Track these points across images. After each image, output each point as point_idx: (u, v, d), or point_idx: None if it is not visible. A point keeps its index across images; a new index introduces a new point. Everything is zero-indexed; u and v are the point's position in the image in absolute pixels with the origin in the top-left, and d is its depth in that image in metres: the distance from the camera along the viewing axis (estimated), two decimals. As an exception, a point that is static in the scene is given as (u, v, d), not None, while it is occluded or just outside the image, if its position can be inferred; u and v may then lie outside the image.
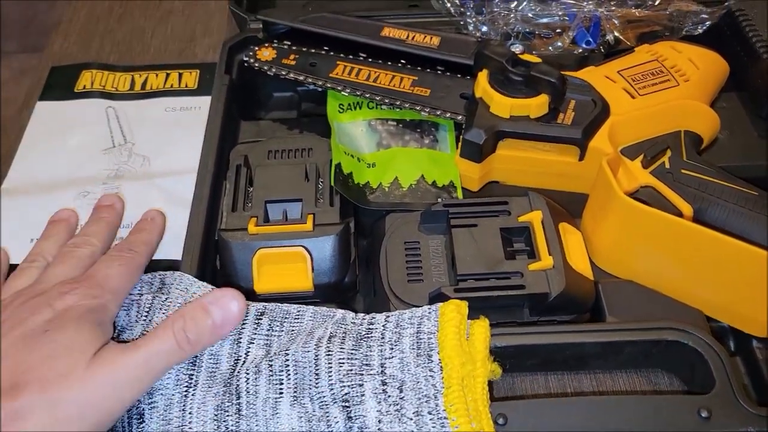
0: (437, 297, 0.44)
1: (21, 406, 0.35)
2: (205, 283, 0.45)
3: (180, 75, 0.69)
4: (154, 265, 0.51)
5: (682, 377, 0.46)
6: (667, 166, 0.49)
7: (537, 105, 0.50)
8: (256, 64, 0.57)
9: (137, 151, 0.63)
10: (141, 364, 0.38)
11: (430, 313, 0.41)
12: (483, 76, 0.52)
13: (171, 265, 0.50)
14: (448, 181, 0.52)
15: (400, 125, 0.56)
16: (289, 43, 0.59)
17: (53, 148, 0.62)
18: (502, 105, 0.50)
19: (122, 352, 0.38)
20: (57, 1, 0.79)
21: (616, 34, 0.57)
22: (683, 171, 0.49)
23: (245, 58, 0.58)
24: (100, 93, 0.67)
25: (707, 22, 0.57)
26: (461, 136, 0.51)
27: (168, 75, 0.69)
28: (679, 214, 0.47)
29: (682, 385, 0.46)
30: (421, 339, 0.40)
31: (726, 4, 0.58)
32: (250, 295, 0.47)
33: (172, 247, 0.53)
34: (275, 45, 0.59)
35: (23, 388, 0.35)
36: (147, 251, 0.48)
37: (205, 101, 0.65)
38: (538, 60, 0.52)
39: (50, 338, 0.38)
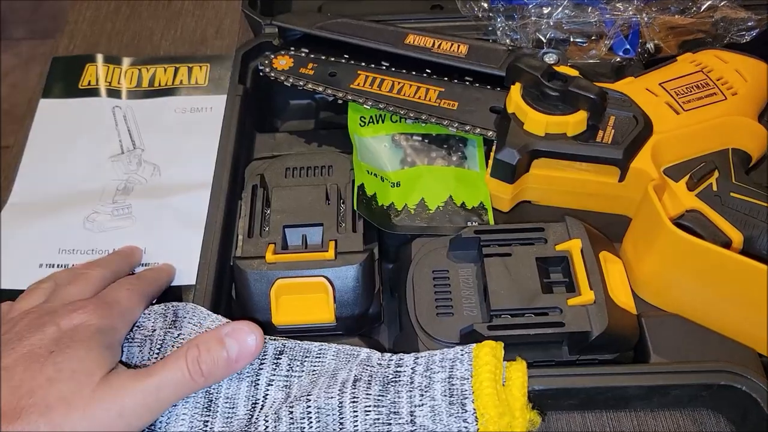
0: (469, 335, 0.41)
1: (22, 429, 0.33)
2: (219, 317, 0.42)
3: (189, 69, 0.66)
4: (168, 292, 0.48)
5: (732, 419, 0.42)
6: (715, 188, 0.46)
7: (575, 122, 0.47)
8: (272, 74, 0.54)
9: (147, 159, 0.60)
10: (151, 392, 0.36)
11: (463, 355, 0.38)
12: (516, 90, 0.48)
13: (184, 293, 0.48)
14: (477, 203, 0.49)
15: (426, 140, 0.53)
16: (306, 50, 0.55)
17: (59, 156, 0.59)
18: (537, 122, 0.47)
19: (132, 378, 0.37)
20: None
21: (657, 41, 0.54)
22: (732, 194, 0.45)
23: (261, 67, 0.55)
24: (106, 90, 0.64)
25: (755, 30, 0.54)
26: (493, 155, 0.48)
27: (177, 70, 0.66)
28: (729, 242, 0.44)
29: (731, 427, 0.43)
30: (453, 385, 0.37)
31: (776, 10, 0.54)
32: (268, 328, 0.44)
33: (186, 273, 0.50)
34: (292, 53, 0.55)
35: (25, 411, 0.34)
36: (156, 284, 0.47)
37: (217, 101, 0.62)
38: (576, 73, 0.48)
39: (55, 359, 0.36)
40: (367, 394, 0.37)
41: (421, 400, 0.37)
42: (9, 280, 0.51)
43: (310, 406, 0.37)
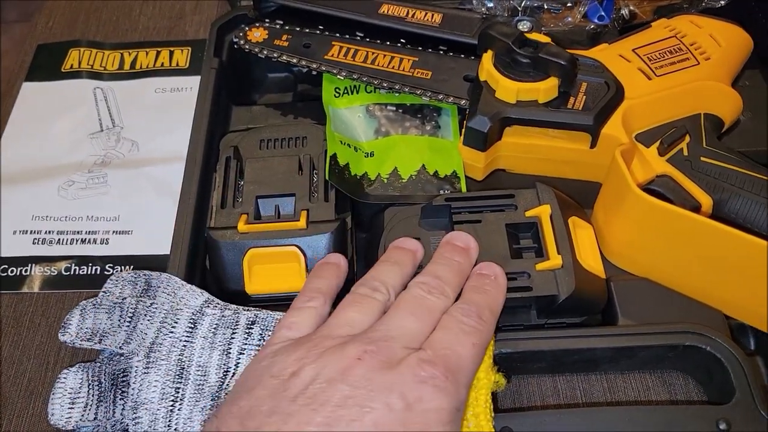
0: (438, 300, 0.41)
1: None
2: (193, 287, 0.43)
3: (171, 53, 0.66)
4: (140, 261, 0.49)
5: (700, 380, 0.43)
6: (686, 153, 0.46)
7: (546, 89, 0.47)
8: (247, 46, 0.54)
9: (126, 136, 0.60)
10: None
11: (430, 321, 0.39)
12: (487, 58, 0.48)
13: (158, 263, 0.48)
14: (450, 171, 0.49)
15: (400, 110, 0.53)
16: (281, 22, 0.55)
17: (39, 133, 0.60)
18: (509, 89, 0.47)
19: None
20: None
21: (632, 7, 0.53)
22: (703, 159, 0.46)
23: (235, 40, 0.55)
24: (88, 73, 0.64)
25: (730, -6, 0.53)
26: (465, 123, 0.48)
27: (158, 53, 0.66)
28: (698, 206, 0.44)
29: (699, 388, 0.43)
30: (420, 349, 0.38)
31: (751, -27, 0.54)
32: (242, 297, 0.44)
33: (161, 242, 0.51)
34: (267, 25, 0.55)
35: None
36: (494, 323, 0.37)
37: (196, 81, 0.62)
38: (548, 40, 0.48)
39: None
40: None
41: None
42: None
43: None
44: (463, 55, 0.52)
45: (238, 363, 0.39)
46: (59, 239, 0.53)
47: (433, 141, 0.51)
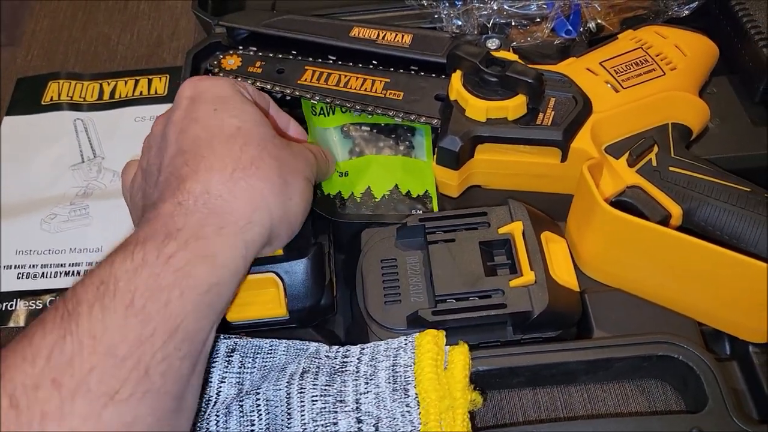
0: (415, 321, 0.42)
1: None
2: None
3: (149, 81, 0.67)
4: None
5: (676, 387, 0.44)
6: (654, 163, 0.47)
7: (514, 107, 0.47)
8: (221, 74, 0.55)
9: (107, 166, 0.61)
10: None
11: (406, 344, 0.39)
12: (456, 78, 0.49)
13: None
14: (423, 191, 0.50)
15: (375, 130, 0.54)
16: (254, 49, 0.56)
17: (21, 167, 0.61)
18: (478, 108, 0.48)
19: None
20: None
21: (599, 20, 0.54)
22: (671, 168, 0.46)
23: (209, 67, 0.56)
24: (68, 104, 0.65)
25: (694, 3, 0.54)
26: (437, 144, 0.49)
27: (137, 82, 0.67)
28: (668, 216, 0.45)
29: (676, 394, 0.44)
30: (397, 372, 0.38)
31: (715, -18, 0.55)
32: (222, 324, 0.45)
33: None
34: (240, 52, 0.56)
35: None
36: None
37: (176, 108, 0.63)
38: (515, 57, 0.49)
39: None
40: (314, 384, 0.39)
41: (366, 388, 0.38)
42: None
43: (259, 399, 0.39)
44: (434, 75, 0.53)
45: (219, 392, 0.40)
46: (43, 273, 0.53)
47: (407, 161, 0.52)
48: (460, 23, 0.55)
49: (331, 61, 0.55)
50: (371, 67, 0.54)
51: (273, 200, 0.38)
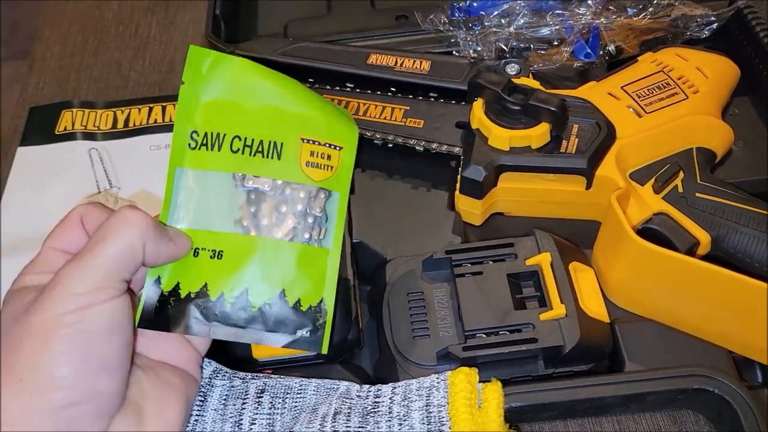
0: (445, 357, 0.42)
1: None
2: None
3: (163, 108, 0.66)
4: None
5: (710, 418, 0.43)
6: (680, 189, 0.46)
7: (538, 135, 0.47)
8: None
9: (123, 196, 0.60)
10: None
11: (439, 383, 0.39)
12: (478, 106, 0.49)
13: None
14: (316, 302, 0.38)
15: (279, 190, 0.39)
16: (271, 77, 0.55)
17: (37, 199, 0.60)
18: (501, 137, 0.47)
19: None
20: (44, 0, 0.75)
21: (618, 43, 0.54)
22: (698, 194, 0.46)
23: (226, 97, 0.55)
24: (83, 134, 0.64)
25: (714, 24, 0.54)
26: (460, 173, 0.48)
27: (151, 109, 0.66)
28: (697, 243, 0.44)
29: (710, 425, 0.43)
30: (431, 412, 0.38)
31: (735, 3, 0.54)
32: (250, 362, 0.45)
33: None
34: (257, 81, 0.55)
35: None
36: None
37: (190, 135, 0.62)
38: (537, 84, 0.49)
39: None
40: (347, 426, 0.38)
41: (400, 429, 0.38)
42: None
43: (292, 442, 0.38)
44: (453, 101, 0.53)
45: (251, 434, 0.39)
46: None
47: (305, 250, 0.39)
48: (478, 48, 0.55)
49: (348, 89, 0.54)
50: (390, 94, 0.54)
51: None
